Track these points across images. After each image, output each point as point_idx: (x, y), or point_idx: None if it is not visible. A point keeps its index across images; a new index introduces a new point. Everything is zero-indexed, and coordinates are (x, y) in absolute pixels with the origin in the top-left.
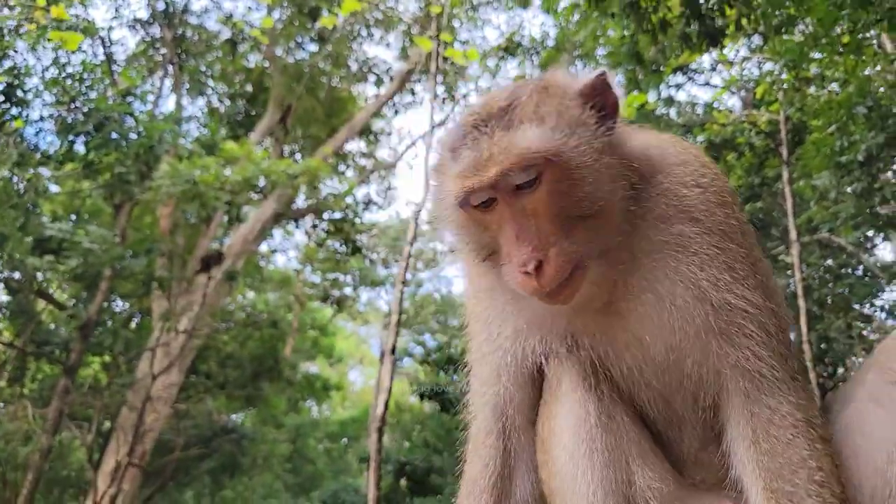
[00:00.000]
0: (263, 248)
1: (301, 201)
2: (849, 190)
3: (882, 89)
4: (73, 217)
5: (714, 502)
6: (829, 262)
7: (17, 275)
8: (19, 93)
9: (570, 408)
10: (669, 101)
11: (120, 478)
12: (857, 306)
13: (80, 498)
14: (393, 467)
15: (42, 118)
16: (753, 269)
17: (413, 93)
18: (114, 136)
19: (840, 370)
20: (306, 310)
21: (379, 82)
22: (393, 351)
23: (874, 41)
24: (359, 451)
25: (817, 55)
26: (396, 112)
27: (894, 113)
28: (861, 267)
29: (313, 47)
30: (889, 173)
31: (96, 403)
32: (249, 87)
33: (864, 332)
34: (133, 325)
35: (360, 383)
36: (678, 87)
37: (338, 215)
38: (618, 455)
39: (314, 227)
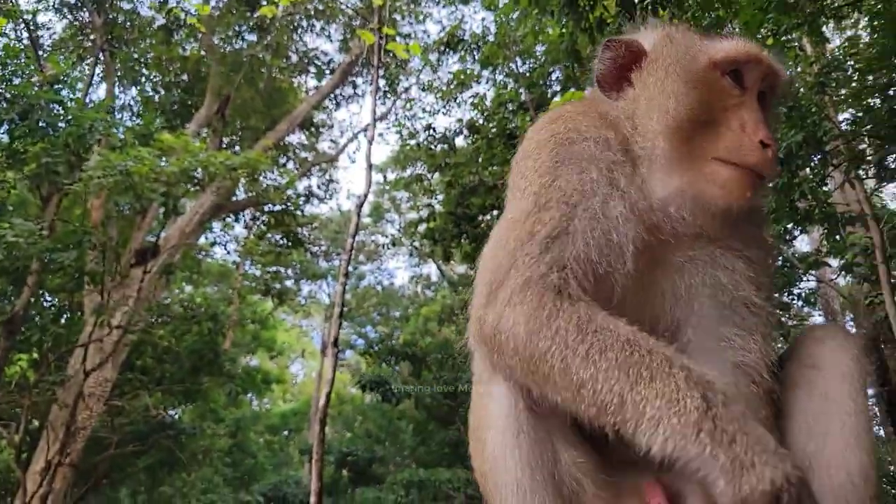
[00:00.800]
0: (202, 240)
1: (241, 194)
2: (770, 185)
3: (802, 90)
4: None
5: (639, 477)
6: None
7: None
8: None
9: (500, 396)
10: None
11: (50, 477)
12: (776, 295)
13: (8, 499)
14: (335, 458)
15: None
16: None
17: (355, 86)
18: (41, 124)
19: None
20: (246, 303)
21: (320, 74)
22: (336, 343)
23: (796, 44)
24: (300, 443)
25: None
26: (338, 104)
27: (812, 112)
28: (781, 258)
29: (252, 37)
30: (807, 170)
31: (24, 402)
32: (186, 77)
33: (783, 320)
34: (63, 320)
35: (301, 376)
36: None
37: (278, 208)
38: (543, 435)
39: (254, 219)
